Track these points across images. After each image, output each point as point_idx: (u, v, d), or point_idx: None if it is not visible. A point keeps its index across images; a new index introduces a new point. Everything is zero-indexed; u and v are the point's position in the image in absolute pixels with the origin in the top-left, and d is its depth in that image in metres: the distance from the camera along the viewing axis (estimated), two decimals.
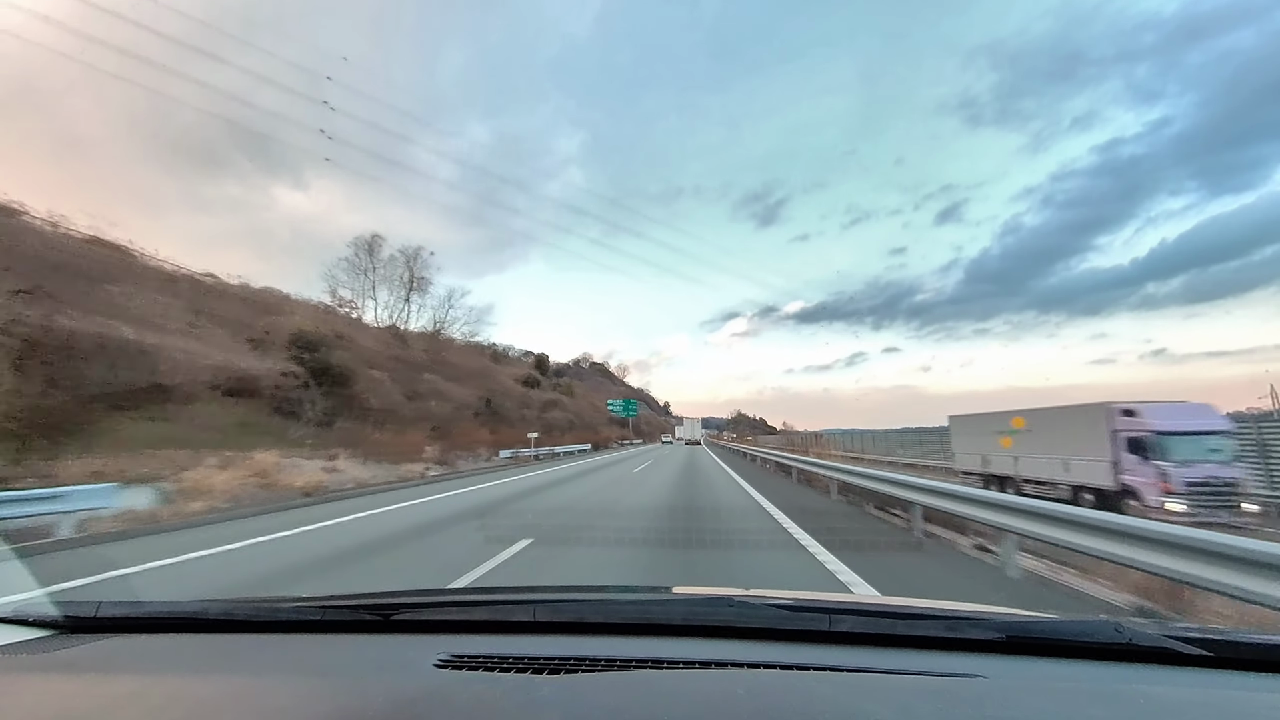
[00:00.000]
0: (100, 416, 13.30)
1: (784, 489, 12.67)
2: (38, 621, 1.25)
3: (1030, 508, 4.85)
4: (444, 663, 0.98)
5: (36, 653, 1.13)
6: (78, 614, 1.26)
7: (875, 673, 0.93)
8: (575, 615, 1.23)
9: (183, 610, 1.32)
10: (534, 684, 0.89)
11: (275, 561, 5.99)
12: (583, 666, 0.95)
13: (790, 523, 7.75)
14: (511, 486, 14.30)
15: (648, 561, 5.59)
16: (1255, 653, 0.98)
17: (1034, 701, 0.82)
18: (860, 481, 9.36)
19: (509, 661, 0.98)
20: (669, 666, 0.97)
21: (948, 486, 6.62)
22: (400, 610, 1.25)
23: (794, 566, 5.33)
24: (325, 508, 10.32)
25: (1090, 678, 0.95)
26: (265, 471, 13.03)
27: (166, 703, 0.87)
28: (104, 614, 1.26)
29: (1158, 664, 0.98)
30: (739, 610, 1.20)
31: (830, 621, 1.12)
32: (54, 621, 1.25)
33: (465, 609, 1.29)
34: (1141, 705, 0.80)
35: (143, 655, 1.13)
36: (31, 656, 1.11)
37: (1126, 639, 1.00)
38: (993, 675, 0.92)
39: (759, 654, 1.03)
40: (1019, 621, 1.11)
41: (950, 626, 1.08)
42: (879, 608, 1.25)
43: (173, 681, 0.98)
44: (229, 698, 0.89)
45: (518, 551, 5.90)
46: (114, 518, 8.56)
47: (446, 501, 11.09)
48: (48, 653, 1.13)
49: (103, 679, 0.99)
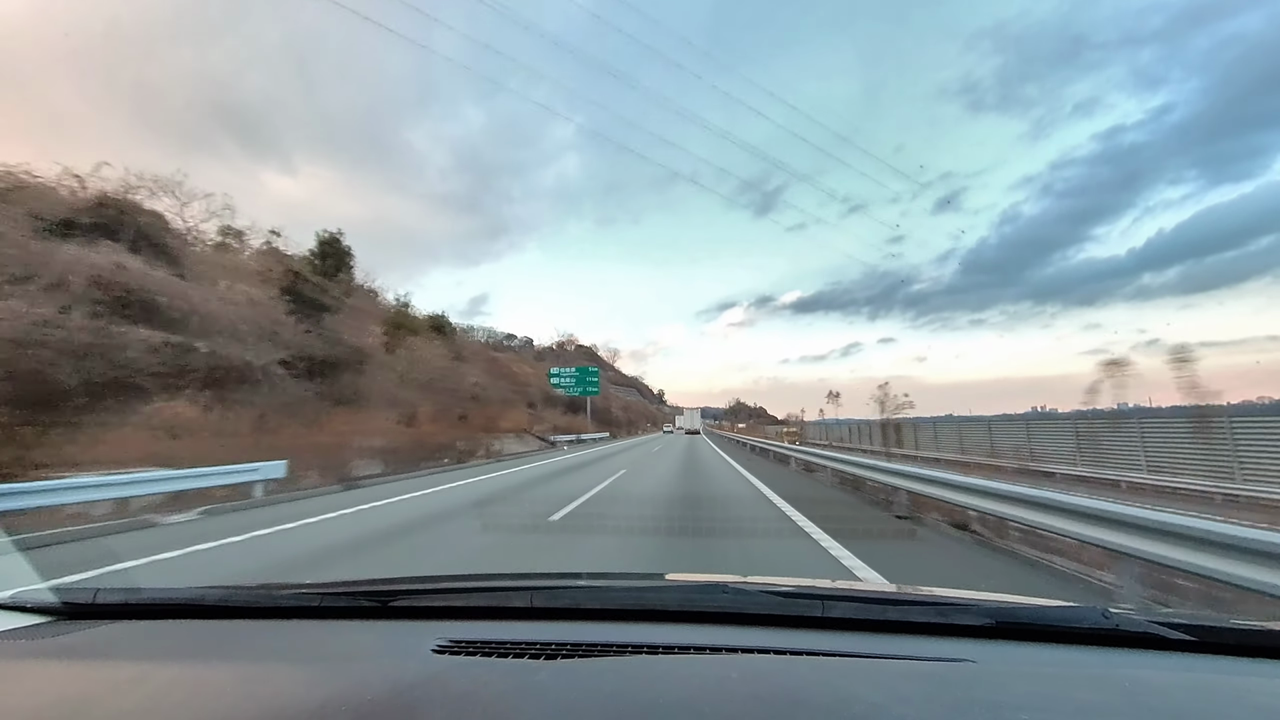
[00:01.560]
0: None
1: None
2: (35, 608, 1.25)
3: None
4: (442, 648, 0.99)
5: (34, 638, 1.14)
6: (75, 600, 1.26)
7: (867, 658, 0.95)
8: (572, 601, 1.24)
9: (180, 597, 1.33)
10: (531, 669, 0.90)
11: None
12: (579, 651, 0.96)
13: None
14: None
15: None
16: (1237, 638, 1.01)
17: (1022, 685, 0.84)
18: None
19: (507, 646, 0.99)
20: (665, 651, 0.98)
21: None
22: (398, 597, 1.26)
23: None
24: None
25: (1077, 662, 0.97)
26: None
27: (166, 687, 0.88)
28: (101, 600, 1.27)
29: (1143, 649, 1.00)
30: (734, 597, 1.21)
31: (823, 608, 1.14)
32: (51, 608, 1.26)
33: (463, 595, 1.30)
34: (1127, 688, 0.81)
35: (141, 641, 1.14)
36: (30, 642, 1.12)
37: (1113, 624, 1.03)
38: (982, 660, 0.94)
39: (753, 639, 1.04)
40: (1008, 607, 1.13)
41: (940, 613, 1.11)
42: (871, 594, 1.27)
43: (171, 666, 0.99)
44: (228, 682, 0.90)
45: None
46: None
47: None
48: (46, 638, 1.13)
49: (101, 664, 0.99)
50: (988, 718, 0.71)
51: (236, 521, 7.58)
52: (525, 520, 7.62)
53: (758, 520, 7.37)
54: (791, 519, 7.30)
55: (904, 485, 7.56)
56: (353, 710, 0.76)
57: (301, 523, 7.42)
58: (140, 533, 6.96)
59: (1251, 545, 3.03)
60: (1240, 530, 3.23)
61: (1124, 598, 3.91)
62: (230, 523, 7.49)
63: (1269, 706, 0.78)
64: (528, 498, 10.07)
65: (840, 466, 10.93)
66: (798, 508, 8.08)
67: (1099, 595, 4.28)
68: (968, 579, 4.55)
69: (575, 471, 15.09)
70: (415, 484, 12.22)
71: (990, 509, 5.49)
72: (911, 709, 0.73)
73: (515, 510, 8.75)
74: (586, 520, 7.42)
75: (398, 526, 7.16)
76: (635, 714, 0.75)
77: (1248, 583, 3.02)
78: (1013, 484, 6.03)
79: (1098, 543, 4.05)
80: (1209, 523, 3.61)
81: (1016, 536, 5.71)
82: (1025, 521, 4.99)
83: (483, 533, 6.79)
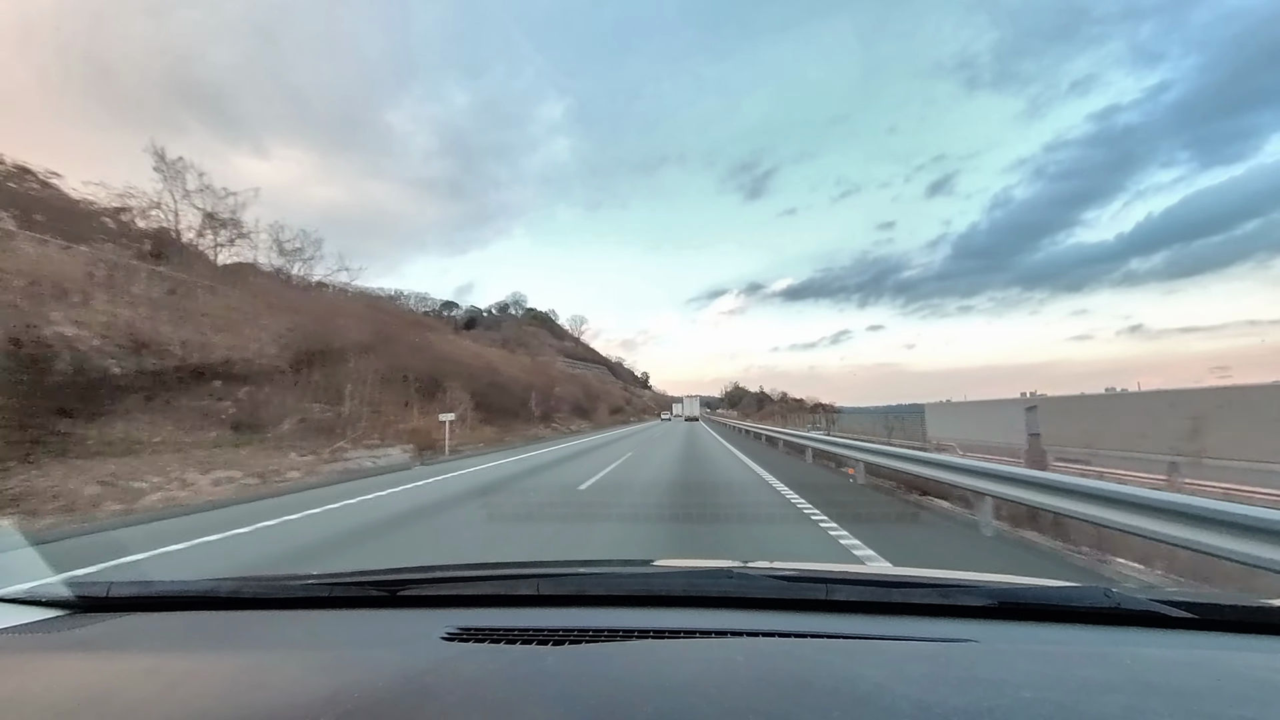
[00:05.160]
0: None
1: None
2: (50, 602, 1.27)
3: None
4: (451, 636, 1.00)
5: (50, 632, 1.15)
6: (89, 594, 1.28)
7: (871, 639, 0.96)
8: (578, 588, 1.25)
9: (193, 589, 1.34)
10: (539, 655, 0.91)
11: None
12: (586, 637, 0.97)
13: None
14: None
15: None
16: (1237, 614, 1.02)
17: (1025, 664, 0.85)
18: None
19: (514, 634, 1.00)
20: (671, 636, 0.99)
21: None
22: (406, 586, 1.27)
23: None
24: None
25: (1079, 640, 0.98)
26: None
27: (180, 678, 0.89)
28: (115, 594, 1.28)
29: (1145, 627, 1.02)
30: (738, 581, 1.22)
31: (827, 591, 1.15)
32: (66, 601, 1.27)
33: (471, 584, 1.32)
34: (1129, 666, 0.82)
35: (155, 633, 1.15)
36: (46, 636, 1.14)
37: (1115, 603, 1.04)
38: (985, 640, 0.95)
39: (758, 623, 1.05)
40: (1010, 588, 1.14)
41: (943, 594, 1.11)
42: (874, 577, 1.28)
43: (185, 657, 1.00)
44: (241, 672, 0.91)
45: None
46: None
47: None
48: (61, 632, 1.15)
49: (116, 656, 1.01)
50: (991, 696, 0.72)
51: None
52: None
53: None
54: None
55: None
56: (365, 697, 0.77)
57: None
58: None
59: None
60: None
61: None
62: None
63: (1270, 681, 0.79)
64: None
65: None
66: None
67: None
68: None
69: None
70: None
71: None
72: (916, 688, 0.74)
73: None
74: None
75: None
76: (643, 698, 0.75)
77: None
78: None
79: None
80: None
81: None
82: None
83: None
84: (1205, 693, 0.75)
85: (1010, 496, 5.19)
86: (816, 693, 0.76)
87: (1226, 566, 3.38)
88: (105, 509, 7.90)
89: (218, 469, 10.72)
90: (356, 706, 0.74)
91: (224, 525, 6.60)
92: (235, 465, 11.21)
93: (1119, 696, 0.72)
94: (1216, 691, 0.75)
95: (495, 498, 8.68)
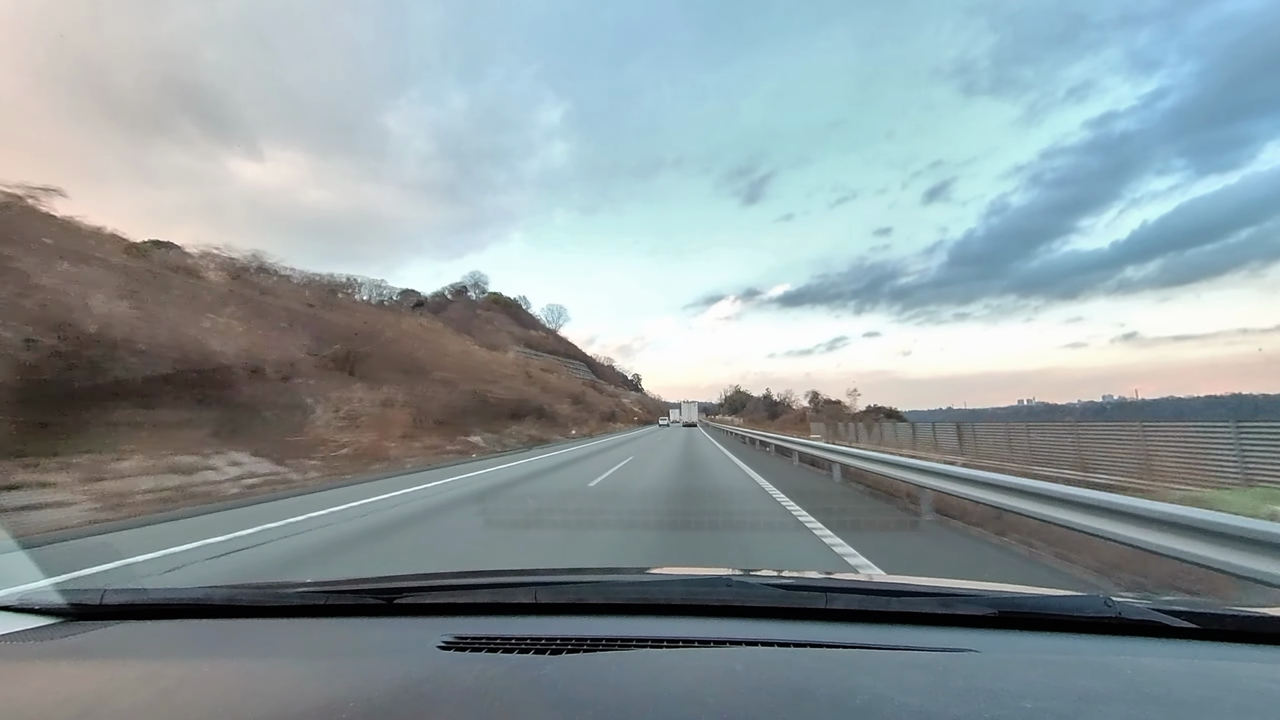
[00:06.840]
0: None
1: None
2: (43, 610, 1.26)
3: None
4: (448, 644, 0.99)
5: (43, 640, 1.14)
6: (82, 601, 1.27)
7: (871, 648, 0.95)
8: (576, 597, 1.25)
9: (187, 596, 1.33)
10: (537, 663, 0.90)
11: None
12: (584, 646, 0.97)
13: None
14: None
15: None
16: (1238, 624, 1.02)
17: (1025, 673, 0.84)
18: None
19: (512, 642, 0.99)
20: (669, 645, 0.98)
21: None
22: (403, 594, 1.26)
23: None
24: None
25: (1080, 650, 0.98)
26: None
27: (174, 687, 0.88)
28: (108, 601, 1.27)
29: (1146, 637, 1.01)
30: (737, 590, 1.22)
31: (827, 599, 1.14)
32: (59, 609, 1.26)
33: (468, 592, 1.31)
34: (1130, 675, 0.82)
35: (149, 641, 1.14)
36: (38, 644, 1.12)
37: (1115, 612, 1.03)
38: (985, 649, 0.95)
39: (757, 632, 1.05)
40: (1010, 597, 1.13)
41: (943, 603, 1.11)
42: (874, 586, 1.27)
43: (180, 665, 0.99)
44: (235, 681, 0.90)
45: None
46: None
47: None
48: (54, 640, 1.14)
49: (110, 664, 1.00)
50: (991, 706, 0.72)
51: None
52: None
53: None
54: None
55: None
56: (361, 706, 0.76)
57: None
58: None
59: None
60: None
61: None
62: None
63: (1271, 692, 0.79)
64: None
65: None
66: None
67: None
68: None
69: None
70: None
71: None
72: (915, 698, 0.74)
73: None
74: None
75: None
76: (641, 707, 0.75)
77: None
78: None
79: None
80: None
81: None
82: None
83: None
84: (1206, 703, 0.75)
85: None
86: (816, 702, 0.75)
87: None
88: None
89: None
90: (352, 716, 0.74)
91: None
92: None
93: (1120, 707, 0.71)
94: (1217, 702, 0.75)
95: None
